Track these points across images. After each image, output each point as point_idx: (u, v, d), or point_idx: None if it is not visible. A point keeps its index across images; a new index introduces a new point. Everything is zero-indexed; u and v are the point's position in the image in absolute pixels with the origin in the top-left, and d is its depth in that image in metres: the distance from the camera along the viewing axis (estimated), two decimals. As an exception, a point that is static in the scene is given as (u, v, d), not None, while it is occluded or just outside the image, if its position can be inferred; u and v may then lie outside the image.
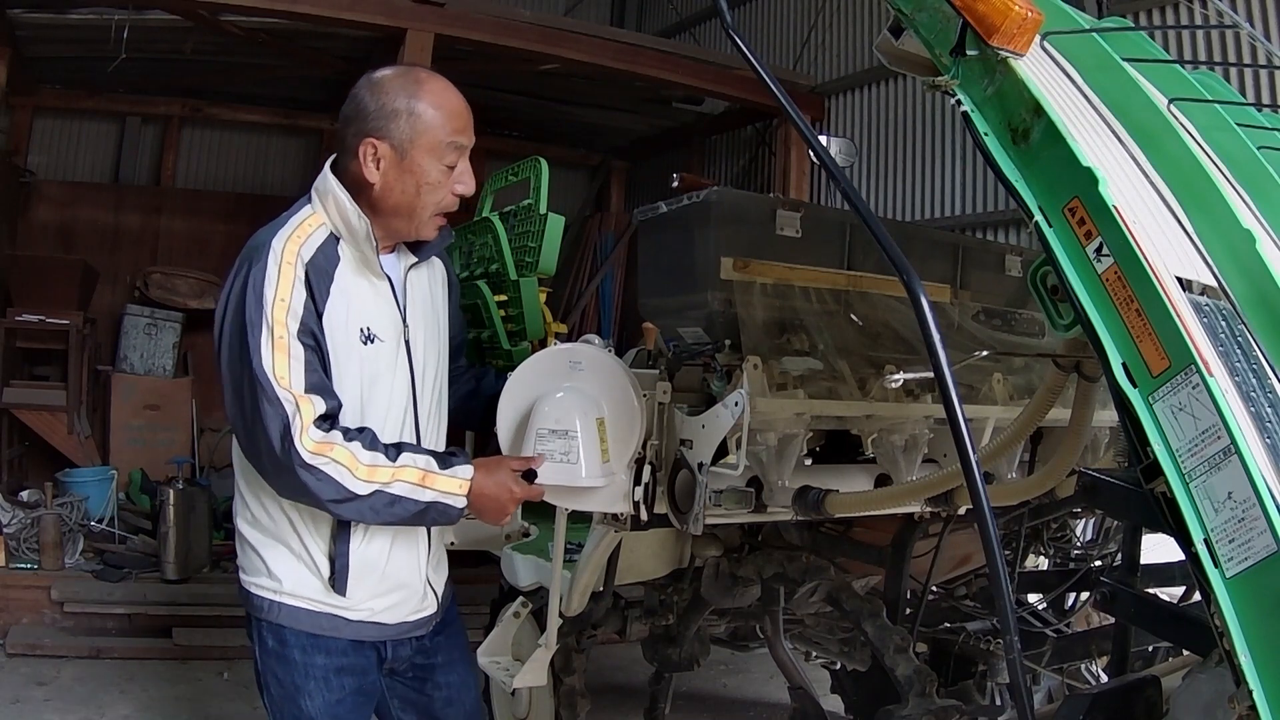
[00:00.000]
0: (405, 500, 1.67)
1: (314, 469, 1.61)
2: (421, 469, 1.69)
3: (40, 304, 5.95)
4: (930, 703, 2.19)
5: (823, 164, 1.55)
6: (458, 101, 1.80)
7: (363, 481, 1.64)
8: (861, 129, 6.40)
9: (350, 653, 1.80)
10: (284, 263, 1.68)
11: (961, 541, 2.58)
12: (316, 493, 1.63)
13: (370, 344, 1.75)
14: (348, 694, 1.81)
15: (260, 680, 1.82)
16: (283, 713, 1.80)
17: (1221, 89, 1.96)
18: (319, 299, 1.69)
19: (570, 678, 2.90)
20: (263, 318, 1.64)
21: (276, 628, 1.77)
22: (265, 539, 1.79)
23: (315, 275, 1.70)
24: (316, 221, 1.76)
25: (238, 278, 1.71)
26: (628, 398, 1.85)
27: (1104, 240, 1.24)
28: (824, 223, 2.33)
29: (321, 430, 1.62)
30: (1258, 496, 1.11)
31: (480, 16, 5.55)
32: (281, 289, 1.66)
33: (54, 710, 3.79)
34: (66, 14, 5.46)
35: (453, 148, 1.77)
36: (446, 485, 1.71)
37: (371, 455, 1.65)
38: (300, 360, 1.64)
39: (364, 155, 1.74)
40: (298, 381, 1.63)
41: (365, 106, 1.75)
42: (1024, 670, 1.29)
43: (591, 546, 2.48)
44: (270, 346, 1.63)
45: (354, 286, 1.75)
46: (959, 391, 1.27)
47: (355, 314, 1.74)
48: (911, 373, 1.85)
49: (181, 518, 4.90)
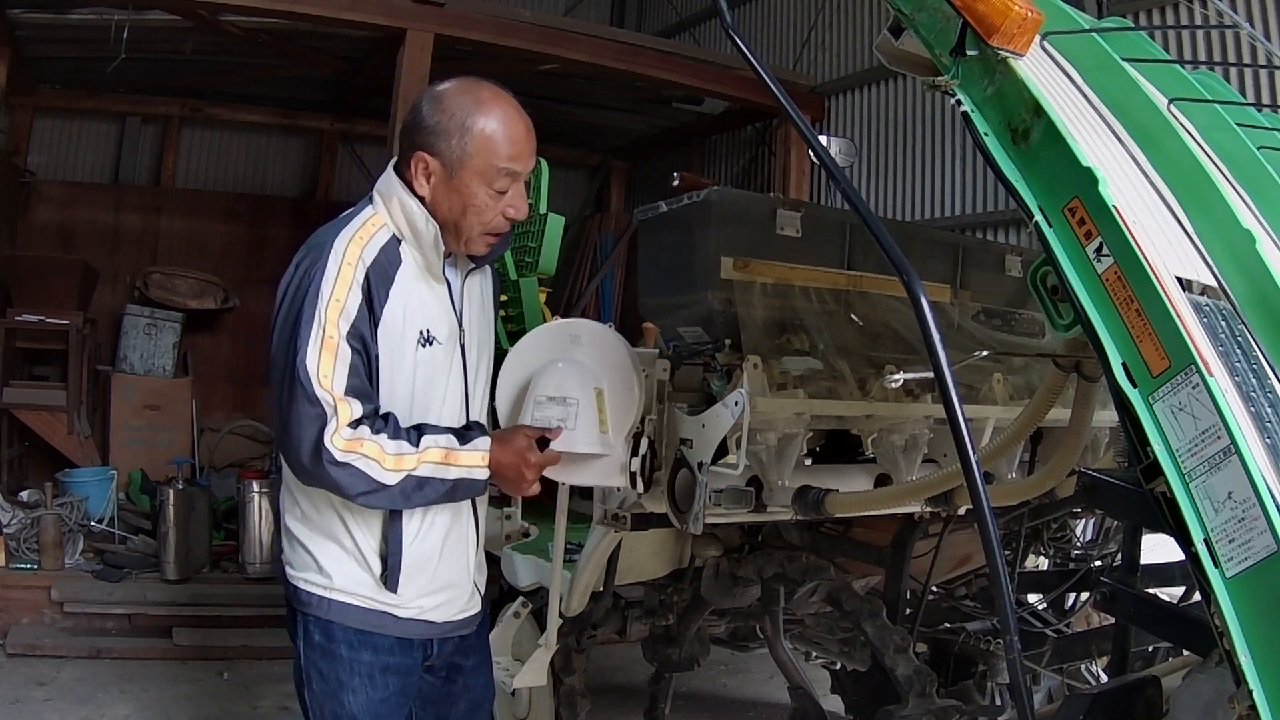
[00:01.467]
0: (433, 481, 1.70)
1: (345, 465, 1.64)
2: (444, 448, 1.72)
3: (40, 304, 5.95)
4: (930, 703, 2.19)
5: (823, 164, 1.55)
6: (518, 127, 1.77)
7: (391, 471, 1.66)
8: (861, 129, 6.40)
9: (396, 651, 1.82)
10: (344, 263, 1.69)
11: (961, 541, 2.58)
12: (347, 488, 1.66)
13: (428, 346, 1.78)
14: (391, 693, 1.82)
15: (301, 675, 1.82)
16: (323, 709, 1.80)
17: (1221, 89, 1.96)
18: (377, 302, 1.71)
19: (570, 678, 2.90)
20: (316, 316, 1.66)
21: (325, 623, 1.78)
22: (315, 535, 1.80)
23: (376, 278, 1.72)
24: (379, 222, 1.77)
25: (297, 271, 1.72)
26: (626, 371, 1.86)
27: (1104, 240, 1.24)
28: (824, 223, 2.33)
29: (350, 429, 1.65)
30: (1258, 496, 1.11)
31: (480, 16, 5.56)
32: (339, 289, 1.68)
33: (54, 710, 3.79)
34: (66, 14, 5.46)
35: (505, 174, 1.76)
36: (469, 460, 1.73)
37: (397, 445, 1.68)
38: (346, 362, 1.67)
39: (415, 168, 1.76)
40: (339, 383, 1.65)
41: (423, 119, 1.76)
42: (1024, 670, 1.29)
43: (591, 546, 2.48)
44: (319, 345, 1.65)
45: (414, 290, 1.77)
46: (959, 391, 1.27)
47: (414, 317, 1.76)
48: (911, 373, 1.85)
49: (181, 518, 4.90)
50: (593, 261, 8.22)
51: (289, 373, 1.65)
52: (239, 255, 7.38)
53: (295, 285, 1.70)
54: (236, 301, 7.02)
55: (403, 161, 1.79)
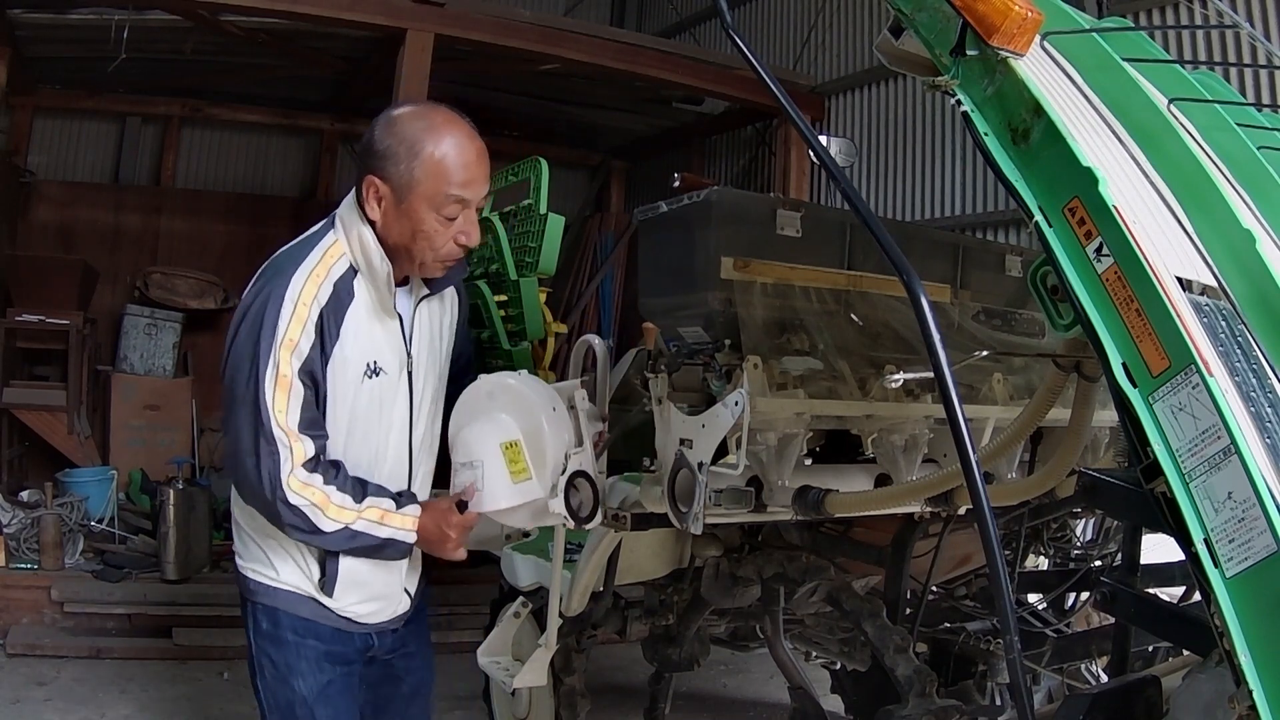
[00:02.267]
0: (365, 535, 1.81)
1: (294, 507, 1.74)
2: (382, 509, 1.83)
3: (40, 304, 5.95)
4: (930, 703, 2.19)
5: (823, 164, 1.55)
6: (470, 154, 1.77)
7: (330, 520, 1.77)
8: (861, 129, 6.40)
9: (336, 640, 1.91)
10: (300, 303, 1.74)
11: (961, 541, 2.58)
12: (286, 523, 1.76)
13: (374, 377, 1.85)
14: (338, 676, 1.92)
15: (253, 665, 1.92)
16: (275, 695, 1.89)
17: (1221, 89, 1.96)
18: (328, 340, 1.77)
19: (570, 678, 2.90)
20: (271, 353, 1.72)
21: (271, 610, 1.88)
22: (261, 533, 1.89)
23: (329, 317, 1.77)
24: (338, 252, 1.81)
25: (258, 298, 1.77)
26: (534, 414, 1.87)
27: (1104, 240, 1.24)
28: (824, 223, 2.33)
29: (306, 471, 1.74)
30: (1258, 496, 1.11)
31: (480, 16, 5.55)
32: (292, 330, 1.73)
33: (54, 710, 3.79)
34: (66, 14, 5.46)
35: (453, 200, 1.77)
36: (400, 522, 1.85)
37: (342, 497, 1.78)
38: (299, 398, 1.74)
39: (367, 192, 1.78)
40: (293, 419, 1.73)
41: (375, 143, 1.77)
42: (1024, 670, 1.29)
43: (591, 546, 2.48)
44: (274, 382, 1.72)
45: (365, 325, 1.82)
46: (959, 391, 1.27)
47: (362, 350, 1.82)
48: (911, 373, 1.85)
49: (181, 518, 4.90)
50: (593, 261, 8.22)
51: (251, 404, 1.72)
52: (239, 255, 7.37)
53: (254, 314, 1.75)
54: (236, 301, 7.01)
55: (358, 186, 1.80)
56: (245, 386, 1.73)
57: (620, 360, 2.69)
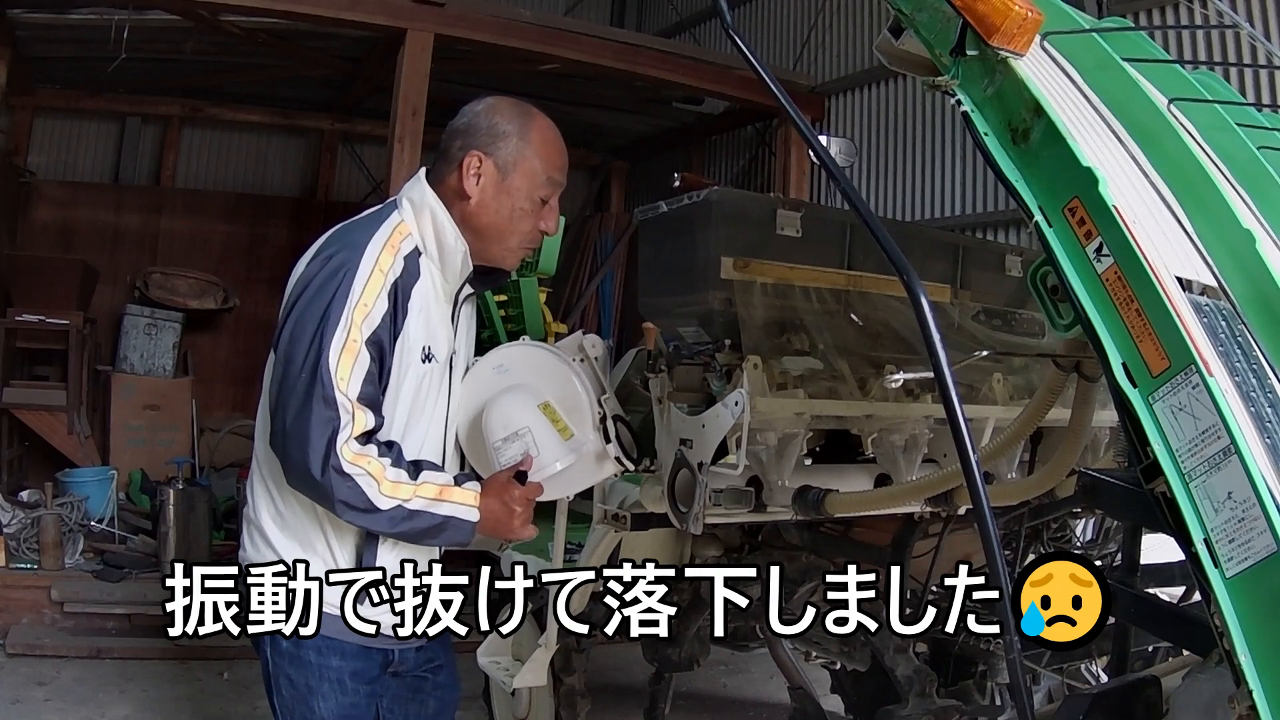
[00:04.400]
0: (422, 514, 1.70)
1: (348, 477, 1.62)
2: (439, 484, 1.72)
3: (40, 304, 5.95)
4: (930, 703, 2.19)
5: (823, 164, 1.55)
6: (561, 143, 1.86)
7: (385, 496, 1.66)
8: (861, 129, 6.40)
9: (362, 657, 1.80)
10: (376, 269, 1.69)
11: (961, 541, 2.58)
12: (342, 498, 1.63)
13: (427, 362, 1.78)
14: (360, 698, 1.81)
15: (270, 681, 1.81)
16: (292, 714, 1.79)
17: (1221, 89, 1.96)
18: (399, 316, 1.72)
19: (570, 678, 2.90)
20: (342, 317, 1.65)
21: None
22: (286, 538, 1.77)
23: (400, 290, 1.72)
24: (405, 231, 1.77)
25: (328, 264, 1.70)
26: (560, 370, 1.85)
27: (1104, 240, 1.24)
28: (824, 223, 2.33)
29: (360, 443, 1.65)
30: (1258, 496, 1.11)
31: (480, 16, 5.55)
32: (367, 294, 1.67)
33: (54, 710, 3.79)
34: (66, 14, 5.46)
35: (549, 183, 1.82)
36: (461, 497, 1.73)
37: (397, 473, 1.68)
38: (363, 369, 1.66)
39: (467, 167, 1.77)
40: (354, 388, 1.65)
41: (478, 122, 1.79)
42: (1024, 670, 1.29)
43: (591, 546, 2.48)
44: (341, 347, 1.64)
45: (428, 305, 1.78)
46: (959, 391, 1.27)
47: (423, 332, 1.77)
48: (911, 373, 1.85)
49: (181, 518, 4.90)
50: (593, 261, 8.22)
51: (309, 369, 1.63)
52: (239, 255, 7.39)
53: (324, 279, 1.68)
54: (236, 301, 7.02)
55: (447, 164, 1.80)
56: (306, 354, 1.64)
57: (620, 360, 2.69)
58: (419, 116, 5.17)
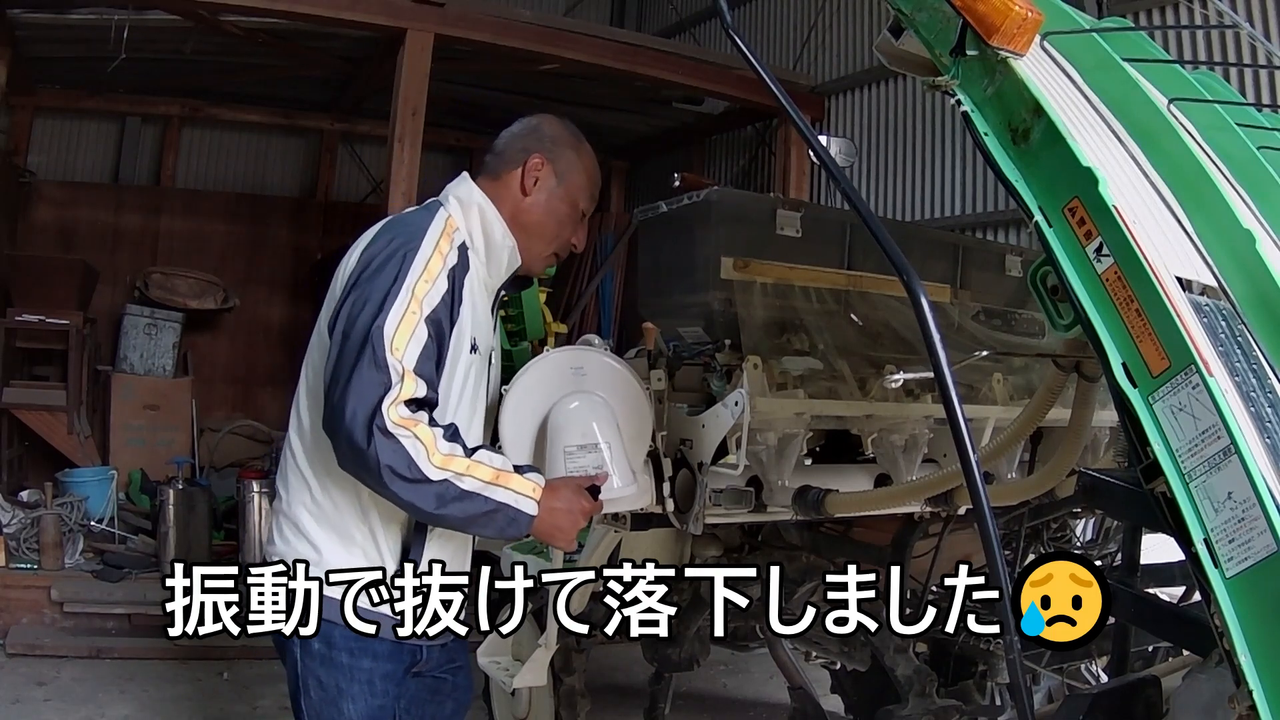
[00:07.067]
0: (476, 497, 1.60)
1: (394, 438, 1.54)
2: (496, 468, 1.64)
3: (40, 304, 5.95)
4: (930, 703, 2.20)
5: (823, 164, 1.55)
6: (599, 172, 1.98)
7: (436, 467, 1.57)
8: (861, 129, 6.40)
9: (393, 658, 1.76)
10: (437, 252, 1.71)
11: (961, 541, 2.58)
12: (388, 463, 1.54)
13: (474, 353, 1.80)
14: (388, 699, 1.78)
15: (298, 683, 1.76)
16: (320, 718, 1.76)
17: (1221, 89, 1.96)
18: (456, 303, 1.73)
19: (570, 678, 2.90)
20: (406, 286, 1.64)
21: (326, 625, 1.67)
22: (323, 529, 1.72)
23: (456, 277, 1.74)
24: (454, 226, 1.80)
25: (391, 243, 1.70)
26: (636, 396, 1.86)
27: (1104, 240, 1.24)
28: (824, 223, 2.33)
29: (409, 409, 1.58)
30: (1258, 496, 1.11)
31: (480, 16, 5.55)
32: (429, 271, 1.68)
33: (54, 710, 3.79)
34: (66, 14, 5.46)
35: (590, 199, 1.93)
36: (520, 486, 1.65)
37: (450, 445, 1.60)
38: (420, 343, 1.62)
39: (529, 167, 1.85)
40: (410, 358, 1.60)
41: (542, 130, 1.91)
42: (1024, 670, 1.29)
43: (591, 546, 2.48)
44: (400, 316, 1.62)
45: (475, 298, 1.80)
46: (959, 391, 1.27)
47: (470, 323, 1.78)
48: (911, 373, 1.85)
49: (181, 518, 4.91)
50: (593, 261, 8.22)
51: (364, 334, 1.59)
52: (239, 255, 7.39)
53: (386, 257, 1.67)
54: (236, 301, 7.03)
55: (505, 164, 1.87)
56: (363, 323, 1.60)
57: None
58: (419, 116, 5.18)
